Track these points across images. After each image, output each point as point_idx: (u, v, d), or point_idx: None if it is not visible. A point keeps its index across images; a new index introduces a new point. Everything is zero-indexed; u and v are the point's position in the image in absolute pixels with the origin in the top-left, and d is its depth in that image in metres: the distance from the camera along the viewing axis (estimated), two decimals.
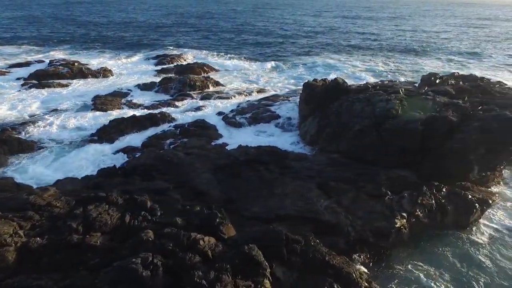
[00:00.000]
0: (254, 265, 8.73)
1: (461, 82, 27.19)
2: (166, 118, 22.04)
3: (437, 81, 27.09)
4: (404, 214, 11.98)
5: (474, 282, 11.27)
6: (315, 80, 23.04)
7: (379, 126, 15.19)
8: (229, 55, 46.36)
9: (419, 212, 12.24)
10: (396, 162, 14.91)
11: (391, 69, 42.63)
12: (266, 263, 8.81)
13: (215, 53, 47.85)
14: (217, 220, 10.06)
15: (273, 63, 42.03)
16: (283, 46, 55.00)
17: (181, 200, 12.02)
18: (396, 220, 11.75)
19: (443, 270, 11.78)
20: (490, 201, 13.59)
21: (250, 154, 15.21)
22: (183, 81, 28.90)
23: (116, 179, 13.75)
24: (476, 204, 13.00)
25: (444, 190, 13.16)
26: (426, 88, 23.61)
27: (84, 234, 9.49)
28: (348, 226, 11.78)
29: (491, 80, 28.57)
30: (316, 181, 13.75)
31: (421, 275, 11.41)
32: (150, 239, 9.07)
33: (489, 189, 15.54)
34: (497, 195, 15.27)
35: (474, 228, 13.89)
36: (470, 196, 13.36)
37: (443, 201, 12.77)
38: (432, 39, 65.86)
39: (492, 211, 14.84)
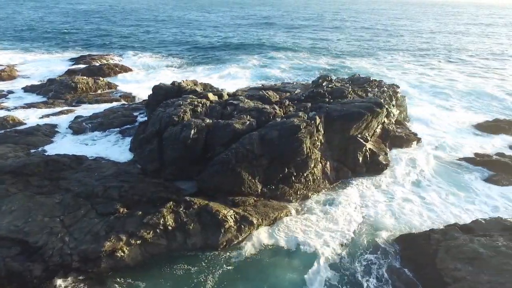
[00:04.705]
0: None
1: (348, 84, 26.16)
2: (8, 122, 20.76)
3: (324, 83, 26.05)
4: (122, 236, 10.67)
5: None
6: (173, 82, 21.68)
7: (161, 134, 13.90)
8: (159, 58, 45.17)
9: (145, 233, 10.92)
10: (176, 173, 13.63)
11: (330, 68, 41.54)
12: None
13: (147, 54, 46.76)
14: None
15: (203, 67, 40.72)
16: (225, 49, 53.39)
17: None
18: (108, 243, 10.45)
19: None
20: (255, 220, 12.20)
21: (21, 164, 13.89)
22: (64, 83, 27.61)
23: None
24: (228, 223, 11.68)
25: (195, 206, 11.84)
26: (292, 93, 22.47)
27: None
28: (55, 249, 10.50)
29: (385, 83, 27.42)
30: (67, 195, 12.44)
31: None
32: None
33: (286, 203, 14.25)
34: (288, 210, 13.98)
35: (241, 246, 12.73)
36: (230, 213, 12.03)
37: (185, 219, 11.46)
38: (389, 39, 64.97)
39: (272, 227, 13.62)
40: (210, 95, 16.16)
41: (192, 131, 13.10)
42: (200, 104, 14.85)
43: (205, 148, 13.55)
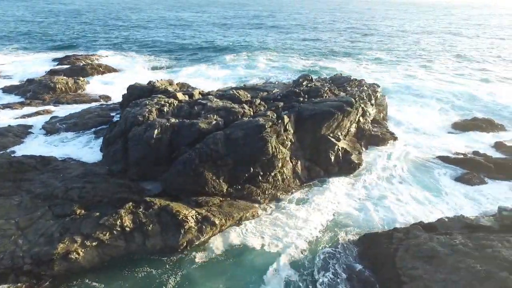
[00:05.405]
0: None
1: (328, 84, 26.13)
2: None
3: (304, 82, 26.01)
4: (77, 237, 10.49)
5: None
6: (149, 82, 21.51)
7: (126, 134, 13.73)
8: (146, 58, 44.84)
9: (101, 234, 10.75)
10: (141, 173, 13.47)
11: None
12: None
13: (134, 55, 46.49)
14: None
15: (190, 67, 40.43)
16: (213, 50, 52.92)
17: None
18: (61, 245, 10.28)
19: None
20: (217, 220, 12.05)
21: None
22: (43, 84, 27.32)
23: None
24: (188, 223, 11.54)
25: (155, 207, 11.70)
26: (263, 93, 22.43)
27: None
28: (6, 252, 10.28)
29: (364, 82, 27.39)
30: (26, 197, 12.24)
31: None
32: None
33: (254, 203, 14.14)
34: (254, 210, 13.85)
35: (205, 247, 12.62)
36: (191, 214, 11.88)
37: (144, 220, 11.31)
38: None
39: (239, 227, 13.52)
40: (179, 95, 16.00)
41: (156, 131, 12.95)
42: (167, 104, 14.69)
43: (171, 148, 13.41)
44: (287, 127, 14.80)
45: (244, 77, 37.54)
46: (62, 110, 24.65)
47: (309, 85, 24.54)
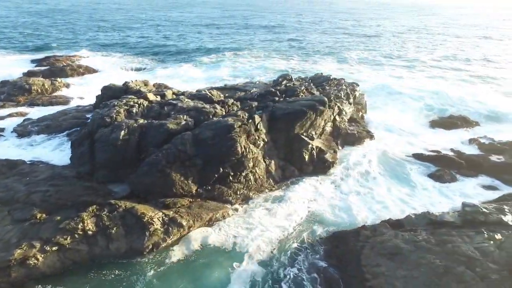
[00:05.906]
0: None
1: (307, 83, 26.17)
2: None
3: (283, 82, 26.00)
4: (35, 243, 10.24)
5: None
6: (124, 83, 21.21)
7: (93, 136, 13.49)
8: (130, 59, 44.29)
9: (62, 239, 10.52)
10: (108, 175, 13.23)
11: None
12: None
13: (117, 55, 45.92)
14: None
15: (173, 68, 40.08)
16: (199, 50, 52.58)
17: None
18: (18, 250, 10.01)
19: None
20: (184, 222, 11.91)
21: None
22: (18, 85, 26.72)
23: None
24: (153, 225, 11.39)
25: (120, 210, 11.50)
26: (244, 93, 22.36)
27: None
28: None
29: (344, 81, 27.49)
30: None
31: None
32: None
33: (225, 203, 14.05)
34: (225, 210, 13.73)
35: (175, 249, 12.45)
36: (158, 216, 11.72)
37: (108, 223, 11.11)
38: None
39: (212, 227, 13.40)
40: (150, 95, 15.80)
41: (122, 132, 12.73)
42: (137, 105, 14.48)
43: (139, 149, 13.22)
44: (259, 126, 14.74)
45: (228, 77, 37.42)
46: (37, 112, 24.14)
47: (287, 84, 24.57)
